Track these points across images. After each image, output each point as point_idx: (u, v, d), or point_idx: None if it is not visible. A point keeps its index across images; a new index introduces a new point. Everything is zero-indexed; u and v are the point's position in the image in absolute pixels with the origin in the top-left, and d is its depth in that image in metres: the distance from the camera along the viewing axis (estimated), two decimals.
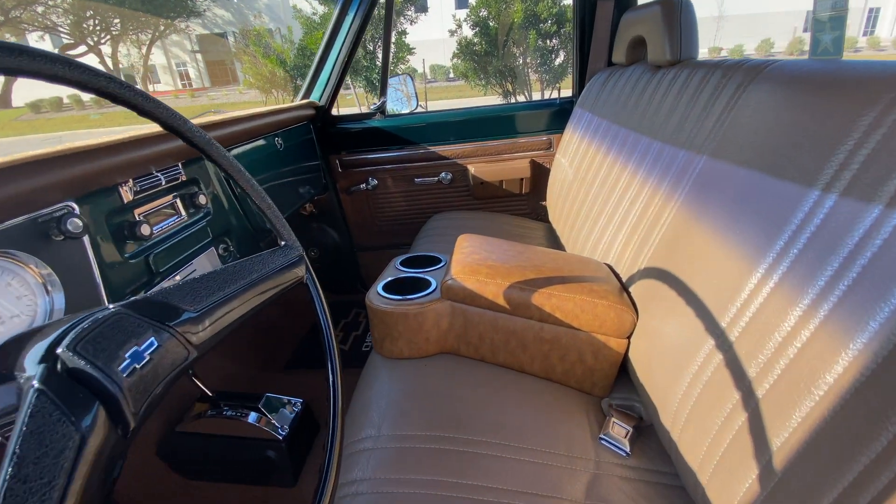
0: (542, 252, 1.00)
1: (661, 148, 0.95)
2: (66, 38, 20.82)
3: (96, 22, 20.48)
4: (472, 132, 1.80)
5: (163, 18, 20.56)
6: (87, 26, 20.52)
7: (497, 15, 9.59)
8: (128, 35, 21.69)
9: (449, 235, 1.53)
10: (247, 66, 9.44)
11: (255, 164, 1.31)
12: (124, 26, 21.00)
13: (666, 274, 0.77)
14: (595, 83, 1.49)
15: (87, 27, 20.51)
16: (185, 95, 21.90)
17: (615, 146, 1.19)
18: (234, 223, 1.18)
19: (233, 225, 1.18)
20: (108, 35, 21.29)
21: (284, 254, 0.60)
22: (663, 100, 1.02)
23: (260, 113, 1.35)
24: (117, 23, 20.83)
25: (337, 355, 0.59)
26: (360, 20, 1.59)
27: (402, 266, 1.06)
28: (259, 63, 9.19)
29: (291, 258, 0.60)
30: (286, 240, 0.61)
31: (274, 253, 0.59)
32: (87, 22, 20.37)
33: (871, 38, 21.66)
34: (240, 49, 14.67)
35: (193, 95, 21.62)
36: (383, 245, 2.02)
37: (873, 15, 23.31)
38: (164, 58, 24.86)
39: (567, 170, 1.51)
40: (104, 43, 21.52)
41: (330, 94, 1.73)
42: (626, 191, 1.05)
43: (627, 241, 0.96)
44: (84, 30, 20.51)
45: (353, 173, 1.86)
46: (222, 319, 0.48)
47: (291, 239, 0.61)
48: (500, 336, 0.87)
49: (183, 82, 25.73)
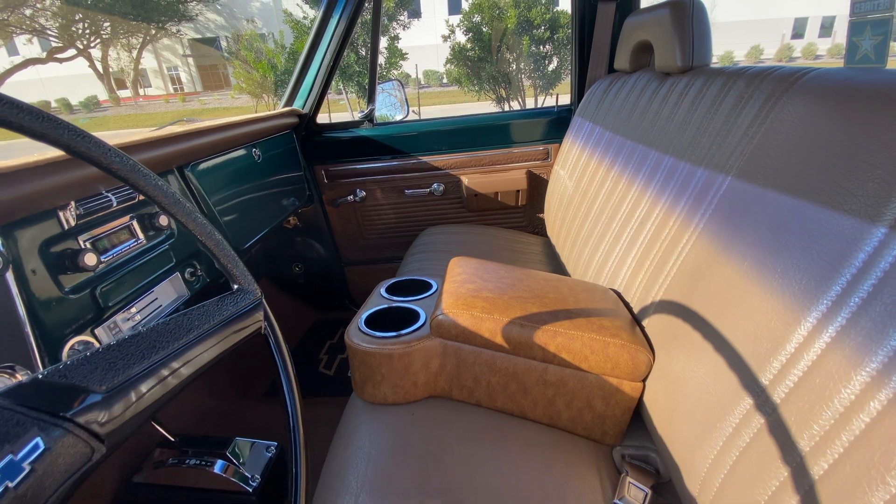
0: (544, 279, 0.90)
1: (675, 164, 0.86)
2: (54, 41, 20.57)
3: (86, 25, 20.25)
4: (466, 142, 1.70)
5: (154, 22, 20.36)
6: (77, 29, 20.28)
7: (490, 20, 9.55)
8: (118, 39, 21.47)
9: (441, 252, 1.43)
10: (237, 71, 9.31)
11: (229, 178, 1.20)
12: (114, 30, 20.77)
13: (687, 311, 0.67)
14: (596, 91, 1.40)
15: (76, 30, 20.27)
16: (176, 100, 21.71)
17: (620, 159, 1.10)
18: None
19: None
20: (97, 38, 21.06)
21: (236, 300, 0.49)
22: (675, 110, 0.93)
23: (235, 122, 1.24)
24: (107, 26, 20.60)
25: (301, 441, 0.48)
26: (345, 23, 1.49)
27: (388, 293, 0.95)
28: (250, 67, 9.06)
29: (245, 305, 0.49)
30: (239, 282, 0.50)
31: (223, 301, 0.48)
32: (77, 25, 20.13)
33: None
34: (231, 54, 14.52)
35: (184, 100, 21.43)
36: (372, 259, 1.92)
37: None
38: (155, 62, 24.66)
39: (566, 182, 1.41)
40: (94, 46, 21.29)
41: (314, 102, 1.62)
42: (635, 210, 0.95)
43: (638, 268, 0.87)
44: (73, 33, 20.27)
45: (340, 184, 1.76)
46: (145, 398, 0.38)
47: (246, 280, 0.51)
48: (498, 378, 0.77)
49: (175, 86, 25.55)
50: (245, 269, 0.51)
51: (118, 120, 18.12)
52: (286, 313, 1.82)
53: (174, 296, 0.98)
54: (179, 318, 0.43)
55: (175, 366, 0.41)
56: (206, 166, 1.09)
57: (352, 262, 1.92)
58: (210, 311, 0.46)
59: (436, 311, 0.78)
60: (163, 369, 0.40)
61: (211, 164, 1.12)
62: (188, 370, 0.41)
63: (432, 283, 0.97)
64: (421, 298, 0.91)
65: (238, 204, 1.21)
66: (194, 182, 1.04)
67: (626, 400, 0.75)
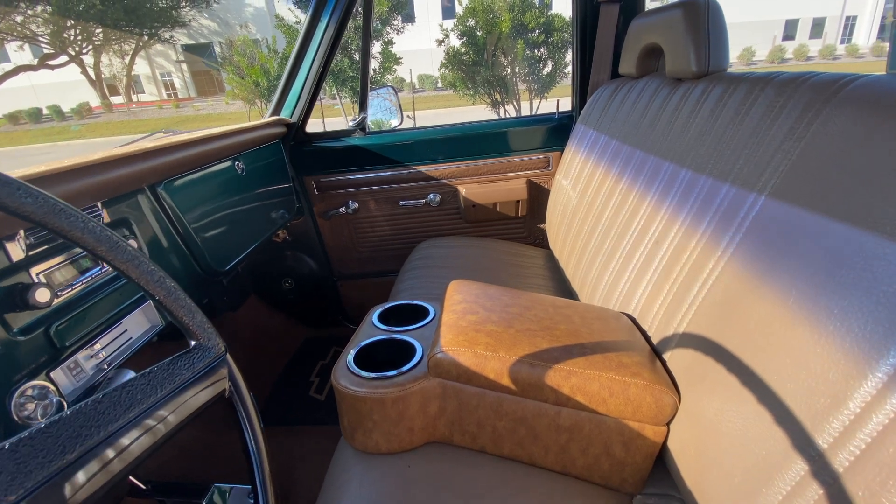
0: (552, 305, 0.82)
1: (693, 178, 0.78)
2: (46, 47, 20.44)
3: (77, 31, 20.11)
4: (463, 150, 1.62)
5: (146, 28, 20.24)
6: (68, 36, 20.14)
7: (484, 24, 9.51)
8: (110, 45, 21.34)
9: (439, 267, 1.35)
10: (230, 77, 9.21)
11: (209, 194, 1.12)
12: (107, 36, 20.64)
13: (719, 349, 0.59)
14: (599, 97, 1.33)
15: (67, 37, 20.13)
16: (170, 106, 21.56)
17: (629, 170, 1.02)
18: (178, 265, 0.99)
19: (177, 267, 0.98)
20: (89, 45, 20.93)
21: (193, 361, 0.41)
22: (691, 119, 0.85)
23: (216, 134, 1.16)
24: (99, 33, 20.48)
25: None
26: (335, 27, 1.42)
27: (381, 321, 0.87)
28: (243, 73, 8.96)
29: (205, 366, 0.41)
30: (197, 337, 0.42)
31: (176, 363, 0.40)
32: (68, 31, 19.99)
33: (850, 45, 22.12)
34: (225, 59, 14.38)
35: (178, 106, 21.29)
36: (366, 273, 1.83)
37: (850, 23, 23.85)
38: (148, 68, 24.54)
39: (570, 193, 1.34)
40: (86, 53, 21.16)
41: (303, 110, 1.54)
42: (649, 226, 0.87)
43: (655, 293, 0.79)
44: (65, 40, 20.13)
45: (331, 196, 1.68)
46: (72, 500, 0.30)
47: (206, 334, 0.42)
48: (504, 423, 0.69)
49: (168, 92, 25.42)
50: (205, 320, 0.43)
51: (111, 126, 17.98)
52: (275, 332, 1.73)
53: (146, 326, 0.89)
54: (117, 393, 0.35)
55: (109, 455, 0.32)
56: (182, 183, 1.01)
57: (345, 277, 1.83)
58: (158, 379, 0.38)
59: (434, 347, 0.69)
60: (93, 462, 0.31)
61: (188, 180, 1.03)
62: (123, 463, 0.33)
63: (429, 309, 0.89)
64: (417, 328, 0.82)
65: (219, 222, 1.13)
66: (168, 201, 0.96)
67: (648, 445, 0.67)
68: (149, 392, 0.36)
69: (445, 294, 0.87)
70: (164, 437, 0.37)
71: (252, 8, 23.34)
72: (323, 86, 1.57)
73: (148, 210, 0.92)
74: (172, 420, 0.38)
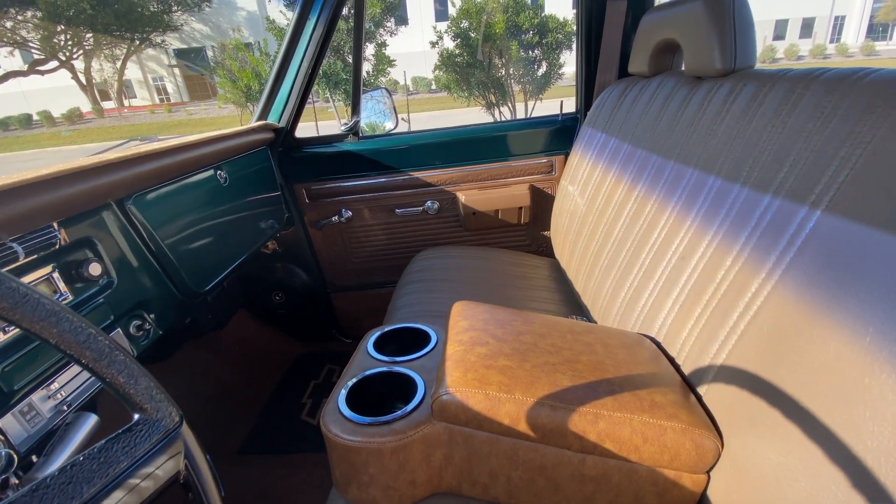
0: (570, 331, 0.73)
1: (724, 186, 0.70)
2: (36, 53, 20.24)
3: (68, 37, 19.92)
4: (462, 155, 1.53)
5: (137, 33, 20.07)
6: (58, 41, 19.95)
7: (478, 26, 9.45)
8: (101, 50, 21.14)
9: (438, 280, 1.26)
10: (222, 81, 9.08)
11: (187, 207, 1.02)
12: (97, 41, 20.45)
13: (773, 390, 0.51)
14: (608, 98, 1.25)
15: (58, 42, 19.93)
16: (162, 110, 21.37)
17: (646, 176, 0.94)
18: (151, 288, 0.89)
19: (150, 290, 0.89)
20: (80, 50, 20.73)
21: (134, 441, 0.32)
22: (717, 121, 0.77)
23: (195, 142, 1.07)
24: (90, 38, 20.29)
25: None
26: (324, 26, 1.33)
27: (377, 349, 0.78)
28: (235, 76, 8.84)
29: (151, 446, 0.32)
30: (143, 409, 0.33)
31: (111, 447, 0.31)
32: (58, 37, 19.80)
33: (839, 45, 22.25)
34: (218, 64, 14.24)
35: (170, 110, 21.09)
36: (362, 285, 1.74)
37: (839, 23, 24.01)
38: (140, 72, 24.36)
39: (577, 200, 1.25)
40: (76, 58, 20.94)
41: (291, 114, 1.45)
42: (672, 239, 0.79)
43: (684, 315, 0.70)
44: (55, 45, 19.93)
45: (323, 204, 1.59)
46: None
47: (154, 404, 0.33)
48: (521, 473, 0.60)
49: (160, 97, 25.24)
50: (152, 385, 0.33)
51: (101, 132, 17.78)
52: (265, 349, 1.64)
53: None
54: (26, 498, 0.26)
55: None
56: (154, 196, 0.92)
57: (339, 289, 1.74)
58: (85, 472, 0.28)
59: (439, 387, 0.60)
60: None
61: (162, 192, 0.94)
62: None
63: (430, 334, 0.80)
64: (418, 357, 0.74)
65: (198, 237, 1.04)
66: (138, 217, 0.86)
67: (685, 496, 0.58)
68: (72, 493, 0.27)
69: (448, 316, 0.78)
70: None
71: (245, 12, 23.22)
72: (314, 88, 1.48)
73: (115, 228, 0.83)
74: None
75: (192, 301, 0.99)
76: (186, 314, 1.13)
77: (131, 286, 0.84)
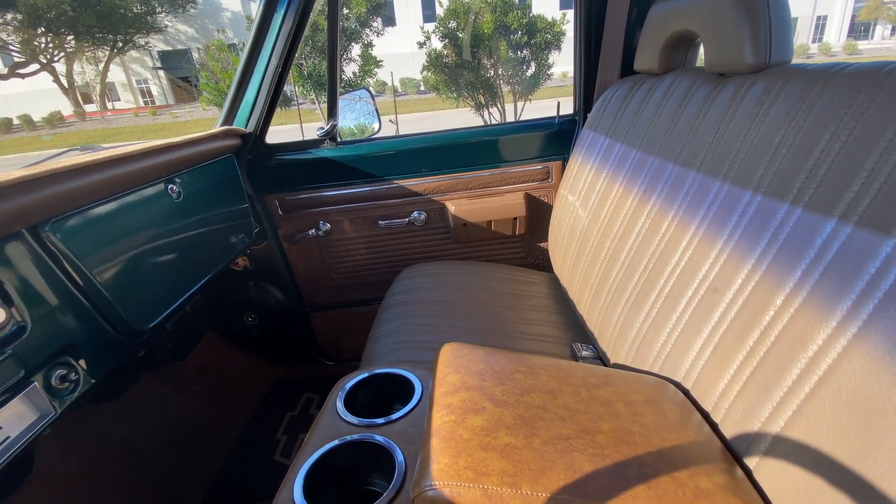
0: (584, 384, 0.60)
1: (768, 206, 0.58)
2: (17, 56, 19.79)
3: (49, 39, 19.49)
4: (451, 161, 1.40)
5: (120, 35, 19.70)
6: (39, 44, 19.52)
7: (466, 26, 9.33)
8: (83, 52, 20.72)
9: (425, 302, 1.13)
10: (204, 83, 8.86)
11: (128, 228, 0.88)
12: (79, 43, 20.04)
13: (857, 480, 0.38)
14: (611, 98, 1.12)
15: (38, 45, 19.50)
16: (146, 113, 20.97)
17: (661, 187, 0.82)
18: (78, 329, 0.75)
19: (77, 332, 0.74)
20: (61, 52, 20.31)
21: None
22: (752, 125, 0.65)
23: (142, 151, 0.92)
24: (71, 40, 19.87)
25: None
26: (294, 18, 1.19)
27: (348, 406, 0.64)
28: (217, 78, 8.62)
29: None
30: None
31: None
32: (39, 39, 19.37)
33: (822, 44, 22.53)
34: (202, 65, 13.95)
35: (155, 113, 20.73)
36: (343, 303, 1.60)
37: (821, 23, 24.31)
38: (124, 75, 23.95)
39: (578, 211, 1.13)
40: (58, 60, 20.51)
41: (261, 118, 1.31)
42: (699, 265, 0.67)
43: (720, 364, 0.58)
44: (35, 48, 19.50)
45: (299, 216, 1.45)
46: None
47: None
48: None
49: (145, 99, 24.85)
50: None
51: (83, 135, 17.39)
52: (237, 377, 1.49)
53: (31, 418, 0.66)
54: None
55: None
56: (81, 219, 0.77)
57: (318, 308, 1.60)
58: None
59: (422, 478, 0.47)
60: None
61: (92, 214, 0.79)
62: None
63: (414, 383, 0.67)
64: (397, 419, 0.60)
65: (142, 264, 0.89)
66: (58, 246, 0.72)
67: None
68: None
69: (436, 361, 0.64)
70: None
71: (229, 12, 22.91)
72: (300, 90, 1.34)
73: (27, 261, 0.68)
74: None
75: (135, 340, 0.85)
76: (136, 350, 0.98)
77: (52, 329, 0.69)
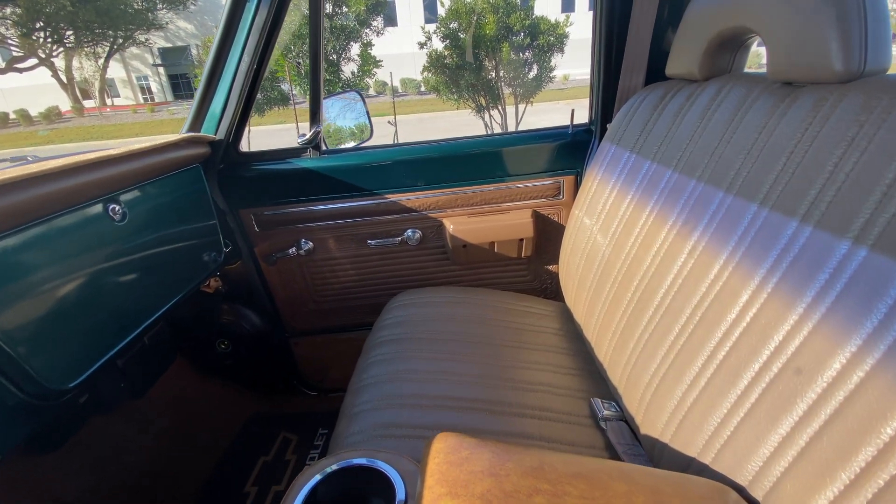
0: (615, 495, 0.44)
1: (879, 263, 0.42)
2: (15, 50, 19.63)
3: (47, 34, 19.32)
4: (450, 174, 1.25)
5: (120, 31, 19.55)
6: (38, 38, 19.35)
7: (467, 27, 9.18)
8: (83, 48, 20.55)
9: (419, 338, 0.97)
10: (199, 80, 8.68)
11: (58, 259, 0.72)
12: (78, 39, 19.88)
13: None
14: (638, 107, 0.96)
15: (37, 39, 19.33)
16: (145, 110, 20.78)
17: (708, 220, 0.66)
18: None
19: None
20: (60, 48, 20.14)
21: None
22: (832, 148, 0.49)
23: (75, 165, 0.76)
24: (70, 35, 19.72)
25: None
26: (267, 11, 1.03)
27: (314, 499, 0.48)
28: None
29: None
30: None
31: None
32: (38, 34, 19.20)
33: None
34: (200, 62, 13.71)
35: (153, 110, 20.53)
36: (327, 328, 1.44)
37: None
38: (123, 71, 23.80)
39: (597, 238, 0.97)
40: (56, 56, 20.34)
41: (233, 123, 1.15)
42: (770, 331, 0.51)
43: (815, 475, 0.42)
44: (34, 42, 19.33)
45: (278, 233, 1.29)
46: None
47: None
48: None
49: (144, 96, 24.69)
50: None
51: (81, 131, 17.22)
52: (208, 411, 1.32)
53: None
54: None
55: None
56: (30, 237, 0.61)
57: (300, 334, 1.44)
58: None
59: None
60: None
61: (38, 231, 0.63)
62: None
63: (394, 484, 0.51)
64: None
65: (65, 305, 0.72)
66: None
67: None
68: None
69: (425, 465, 0.48)
70: None
71: None
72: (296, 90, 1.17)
73: None
74: None
75: (54, 402, 0.69)
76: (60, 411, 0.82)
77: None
